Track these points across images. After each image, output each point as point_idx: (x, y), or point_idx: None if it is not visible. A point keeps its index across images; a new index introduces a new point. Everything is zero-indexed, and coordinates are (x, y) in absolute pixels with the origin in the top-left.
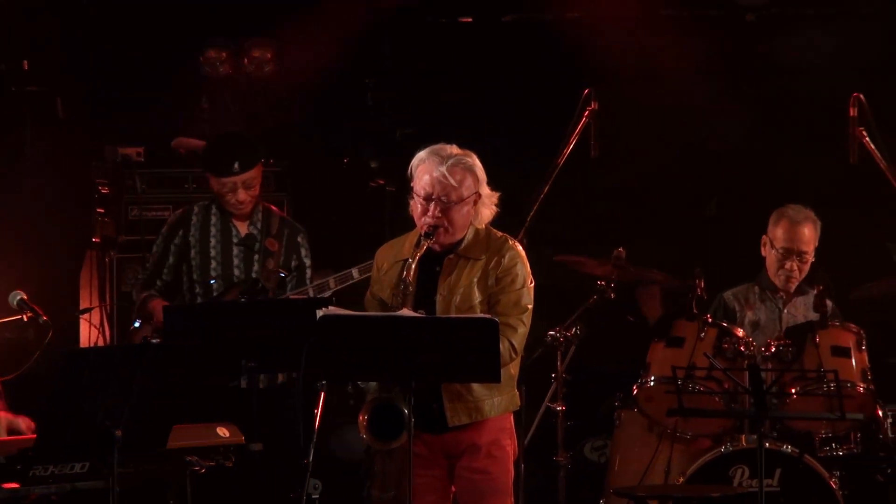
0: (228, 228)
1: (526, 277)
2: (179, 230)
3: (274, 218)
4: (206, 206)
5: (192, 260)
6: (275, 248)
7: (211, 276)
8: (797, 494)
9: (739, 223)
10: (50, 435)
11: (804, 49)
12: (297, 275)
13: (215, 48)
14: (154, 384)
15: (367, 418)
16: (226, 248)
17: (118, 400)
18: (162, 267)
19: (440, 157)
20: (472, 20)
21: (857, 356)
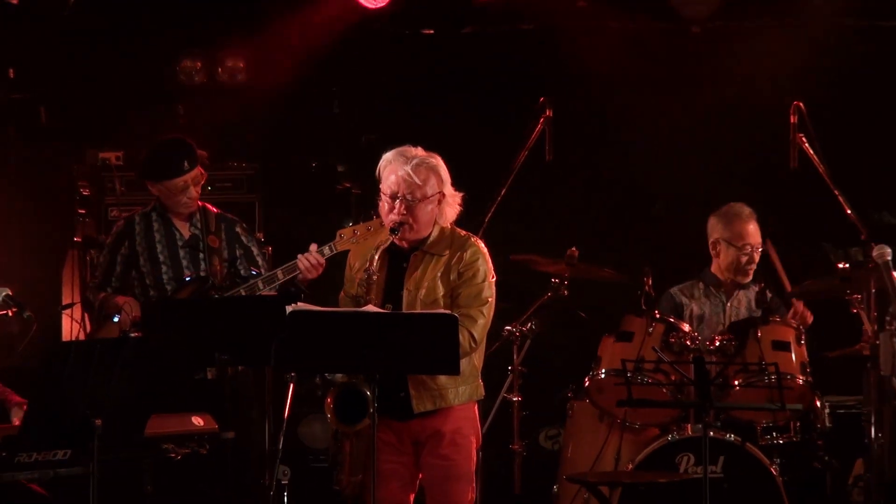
0: (172, 233)
1: (487, 272)
2: (125, 241)
3: (210, 216)
4: (146, 214)
5: (141, 267)
6: (216, 244)
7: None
8: (739, 480)
9: (684, 223)
10: (34, 424)
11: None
12: (245, 259)
13: (190, 58)
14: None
15: (333, 402)
16: (172, 252)
17: (98, 391)
18: (110, 276)
19: (406, 157)
20: (433, 32)
21: (796, 350)
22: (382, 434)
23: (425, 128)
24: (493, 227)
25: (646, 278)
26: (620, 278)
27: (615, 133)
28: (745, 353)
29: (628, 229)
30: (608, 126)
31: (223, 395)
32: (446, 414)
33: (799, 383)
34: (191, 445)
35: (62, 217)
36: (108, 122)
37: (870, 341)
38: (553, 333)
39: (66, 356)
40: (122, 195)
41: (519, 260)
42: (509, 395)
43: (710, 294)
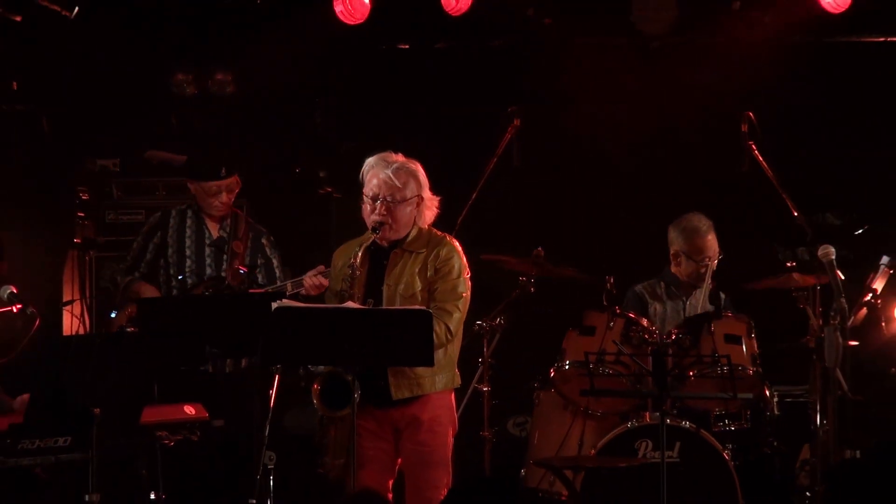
0: (202, 231)
1: (462, 269)
2: (158, 231)
3: (241, 222)
4: (183, 210)
5: (169, 258)
6: (240, 250)
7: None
8: (694, 465)
9: (644, 226)
10: (36, 413)
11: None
12: (265, 270)
13: (183, 72)
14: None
15: (319, 388)
16: (199, 249)
17: (97, 382)
18: (140, 261)
19: (387, 162)
20: (408, 46)
21: (747, 343)
22: (363, 421)
23: (401, 136)
24: (465, 228)
25: (607, 276)
26: (583, 277)
27: (579, 140)
28: (699, 346)
29: (591, 231)
30: (573, 134)
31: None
32: (424, 402)
33: (749, 374)
34: (183, 433)
35: (63, 220)
36: (106, 132)
37: (815, 335)
38: (520, 328)
39: (66, 350)
40: (118, 199)
41: (489, 259)
42: (480, 385)
43: (672, 293)
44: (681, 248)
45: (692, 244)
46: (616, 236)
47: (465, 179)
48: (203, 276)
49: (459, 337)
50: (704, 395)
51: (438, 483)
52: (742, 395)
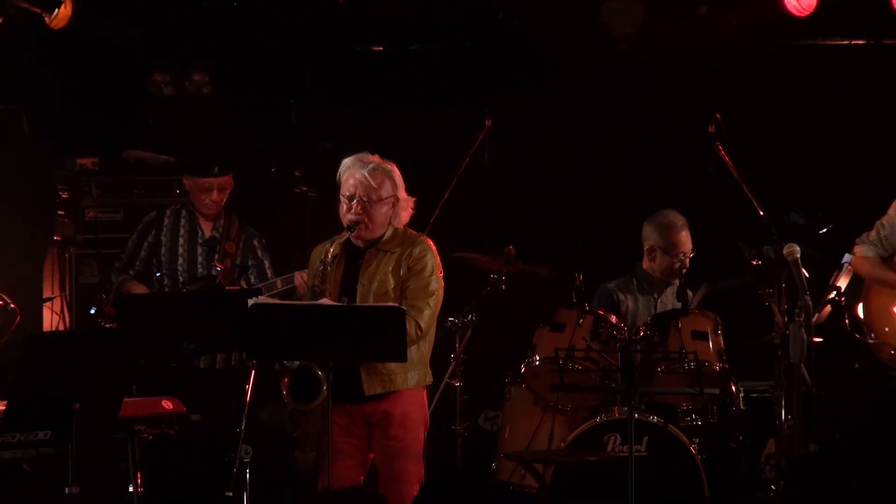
0: (195, 230)
1: (435, 267)
2: (152, 230)
3: (234, 224)
4: (177, 210)
5: (161, 256)
6: (232, 250)
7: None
8: (662, 459)
9: (612, 225)
10: (17, 407)
11: (669, 74)
12: (257, 271)
13: (160, 72)
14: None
15: (289, 382)
16: (192, 248)
17: (77, 376)
18: (135, 259)
19: (363, 162)
20: (383, 49)
21: (713, 339)
22: (336, 416)
23: (376, 136)
24: (437, 227)
25: (577, 274)
26: (553, 274)
27: (550, 141)
28: (667, 342)
29: (561, 229)
30: (543, 135)
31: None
32: (396, 398)
33: (716, 370)
34: (161, 426)
35: (43, 218)
36: (85, 131)
37: (780, 332)
38: (492, 324)
39: (46, 345)
40: (97, 198)
41: (461, 257)
42: (452, 380)
43: (643, 290)
44: (656, 243)
45: (668, 239)
46: (585, 235)
47: (438, 179)
48: (195, 274)
49: (432, 335)
50: (672, 391)
51: (410, 476)
52: (709, 391)
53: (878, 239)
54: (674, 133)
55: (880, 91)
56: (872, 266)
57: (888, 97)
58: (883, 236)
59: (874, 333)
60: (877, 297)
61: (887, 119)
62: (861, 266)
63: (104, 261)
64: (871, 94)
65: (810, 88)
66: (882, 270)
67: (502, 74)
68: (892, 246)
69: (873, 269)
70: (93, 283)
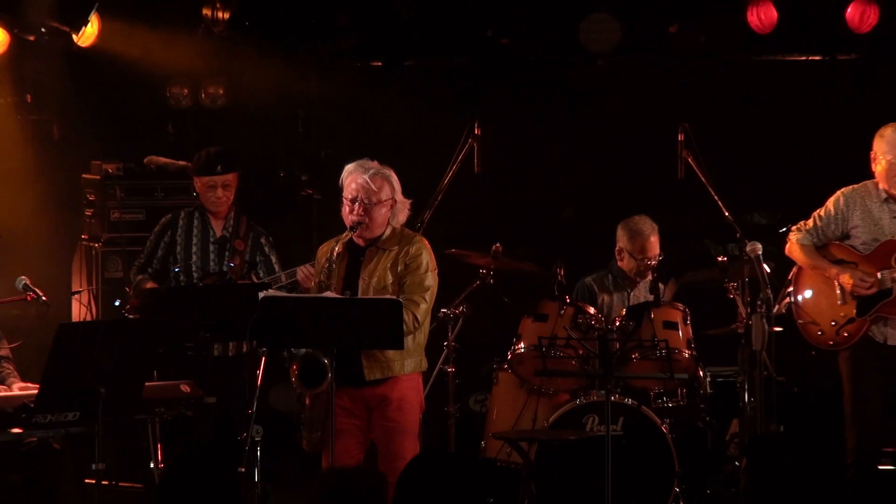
0: (207, 230)
1: (429, 264)
2: (168, 230)
3: (243, 224)
4: (191, 212)
5: (177, 254)
6: (241, 248)
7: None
8: (636, 437)
9: (591, 224)
10: (49, 390)
11: (642, 86)
12: (265, 266)
13: (179, 85)
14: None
15: (297, 369)
16: (204, 246)
17: (102, 363)
18: (153, 258)
19: (364, 168)
20: (381, 64)
21: (682, 329)
22: (339, 400)
23: (374, 143)
24: (431, 226)
25: (558, 270)
26: (537, 270)
27: (533, 148)
28: (640, 331)
29: (544, 229)
30: (527, 142)
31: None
32: (394, 382)
33: (685, 356)
34: (179, 408)
35: (72, 218)
36: (110, 139)
37: (743, 322)
38: (481, 315)
39: (75, 335)
40: (121, 200)
41: (452, 254)
42: (444, 366)
43: (618, 285)
44: (625, 246)
45: (635, 244)
46: (565, 234)
47: (431, 183)
48: (208, 270)
49: (427, 326)
50: (645, 376)
51: (407, 454)
52: (678, 376)
53: (815, 229)
54: (646, 141)
55: (835, 103)
56: (807, 253)
57: (842, 108)
58: (819, 227)
59: (803, 315)
60: (807, 282)
61: (841, 128)
62: (797, 252)
63: (128, 257)
64: (827, 106)
65: (771, 100)
66: (816, 258)
67: (491, 87)
68: (825, 237)
69: (808, 256)
70: (117, 278)
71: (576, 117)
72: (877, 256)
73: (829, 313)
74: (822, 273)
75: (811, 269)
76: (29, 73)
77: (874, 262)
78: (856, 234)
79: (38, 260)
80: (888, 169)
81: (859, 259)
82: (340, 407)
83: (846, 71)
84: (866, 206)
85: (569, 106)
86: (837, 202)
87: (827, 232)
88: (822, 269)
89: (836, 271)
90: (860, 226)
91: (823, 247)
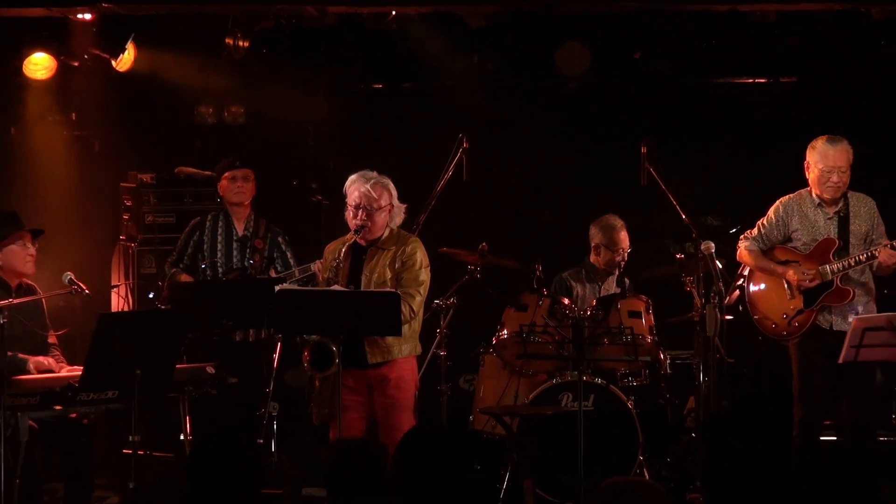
0: (230, 231)
1: (423, 261)
2: (197, 231)
3: (262, 225)
4: (216, 215)
5: (205, 252)
6: (261, 246)
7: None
8: (605, 412)
9: (566, 226)
10: (91, 372)
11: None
12: (281, 262)
13: (204, 104)
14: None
15: (309, 354)
16: (228, 245)
17: (138, 348)
18: (183, 255)
19: (365, 178)
20: (382, 86)
21: (646, 317)
22: (345, 380)
23: (376, 155)
24: (425, 228)
25: (537, 266)
26: (518, 266)
27: (515, 158)
28: (608, 319)
29: (525, 230)
30: (510, 153)
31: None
32: (392, 364)
33: (648, 341)
34: (205, 387)
35: (111, 221)
36: (145, 152)
37: (699, 311)
38: (469, 305)
39: (114, 323)
40: (154, 205)
41: (444, 252)
42: (437, 350)
43: (590, 279)
44: (601, 241)
45: (610, 238)
46: (544, 234)
47: (425, 189)
48: (231, 266)
49: (421, 315)
50: (613, 358)
51: (404, 426)
52: (642, 358)
53: (760, 236)
54: (613, 153)
55: (777, 119)
56: (756, 257)
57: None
58: (763, 234)
59: (758, 312)
60: (758, 282)
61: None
62: (746, 257)
63: (160, 255)
64: (770, 122)
65: (722, 117)
66: (764, 260)
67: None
68: (770, 241)
69: (757, 260)
70: (151, 273)
71: (552, 132)
72: (816, 254)
73: (780, 308)
74: (771, 273)
75: (760, 270)
76: (74, 94)
77: (815, 258)
78: (796, 236)
79: (82, 257)
80: (819, 176)
81: (801, 258)
82: (346, 386)
83: (786, 91)
84: (803, 211)
85: (546, 122)
86: (777, 210)
87: (771, 237)
88: (769, 269)
89: (783, 270)
90: (799, 229)
91: (769, 250)
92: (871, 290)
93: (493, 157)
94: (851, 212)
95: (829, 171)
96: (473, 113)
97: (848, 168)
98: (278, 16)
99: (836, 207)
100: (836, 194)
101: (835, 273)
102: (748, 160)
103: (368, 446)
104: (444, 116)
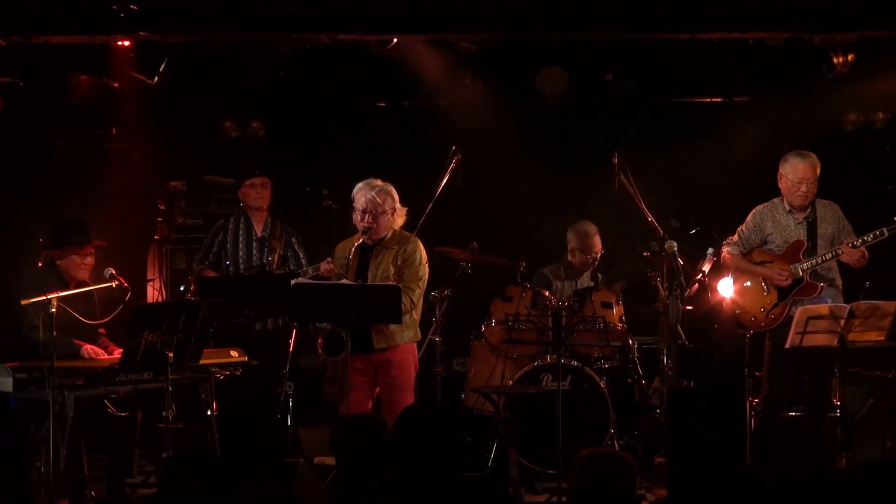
0: (251, 232)
1: (422, 258)
2: (221, 232)
3: (278, 227)
4: (238, 218)
5: (228, 250)
6: (277, 246)
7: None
8: (581, 391)
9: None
10: (129, 356)
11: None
12: (294, 260)
13: (229, 121)
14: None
15: (322, 341)
16: (248, 244)
17: (169, 334)
18: (209, 253)
19: (371, 185)
20: (384, 104)
21: (616, 308)
22: (353, 363)
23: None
24: (424, 228)
25: (521, 262)
26: (505, 262)
27: (502, 168)
28: (584, 309)
29: (511, 231)
30: (498, 163)
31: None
32: (395, 349)
33: (618, 329)
34: (230, 369)
35: (147, 222)
36: (176, 162)
37: (663, 302)
38: (461, 297)
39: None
40: (184, 209)
41: (440, 250)
42: (433, 336)
43: (568, 275)
44: (576, 245)
45: (584, 242)
46: (527, 235)
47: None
48: (251, 263)
49: (420, 305)
50: (587, 343)
51: (405, 403)
52: (613, 344)
53: (740, 241)
54: (589, 163)
55: (732, 134)
56: (737, 260)
57: (738, 138)
58: (743, 238)
59: (739, 307)
60: (740, 281)
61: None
62: (729, 261)
63: (189, 253)
64: (727, 136)
65: (684, 131)
66: (744, 263)
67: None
68: (749, 245)
69: (738, 262)
70: (181, 269)
71: (535, 144)
72: (789, 254)
73: (759, 302)
74: (750, 272)
75: (741, 271)
76: (114, 112)
77: (787, 258)
78: (771, 240)
79: (121, 255)
80: (790, 187)
81: (776, 258)
82: (354, 368)
83: (740, 110)
84: (776, 217)
85: (529, 136)
86: (754, 217)
87: (749, 241)
88: (749, 270)
89: (760, 269)
90: (773, 233)
91: (748, 253)
92: (838, 284)
93: (483, 167)
94: (819, 217)
95: (798, 181)
96: (466, 127)
97: (815, 179)
98: (293, 43)
99: (804, 213)
100: (804, 202)
101: (804, 270)
102: (707, 169)
103: (372, 422)
104: (439, 131)
